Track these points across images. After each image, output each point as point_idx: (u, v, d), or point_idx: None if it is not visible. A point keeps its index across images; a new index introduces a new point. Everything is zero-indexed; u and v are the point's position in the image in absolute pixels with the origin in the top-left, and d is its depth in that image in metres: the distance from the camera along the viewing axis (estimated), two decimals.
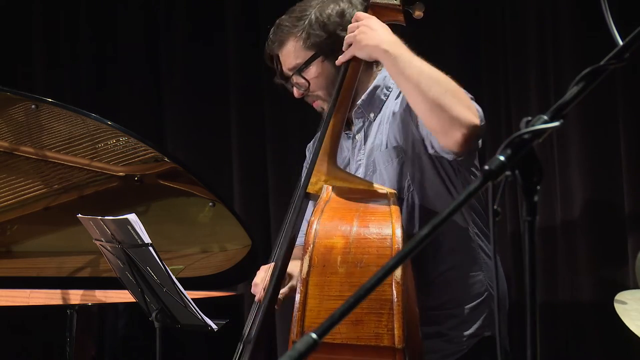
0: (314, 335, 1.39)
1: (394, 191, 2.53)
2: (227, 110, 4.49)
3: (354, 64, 2.62)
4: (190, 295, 2.87)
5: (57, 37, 4.75)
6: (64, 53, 4.75)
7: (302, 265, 2.36)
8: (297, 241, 2.73)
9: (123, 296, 3.38)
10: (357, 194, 2.50)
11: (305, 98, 2.80)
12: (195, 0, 4.61)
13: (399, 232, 2.36)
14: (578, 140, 3.64)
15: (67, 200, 3.93)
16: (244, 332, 2.66)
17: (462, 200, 1.44)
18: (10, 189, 3.90)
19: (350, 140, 2.80)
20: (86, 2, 4.73)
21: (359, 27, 2.56)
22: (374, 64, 2.75)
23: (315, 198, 2.53)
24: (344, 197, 2.49)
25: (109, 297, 3.73)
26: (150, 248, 2.75)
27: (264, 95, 4.40)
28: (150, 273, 2.84)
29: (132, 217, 2.73)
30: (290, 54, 2.76)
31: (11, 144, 3.77)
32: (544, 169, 1.45)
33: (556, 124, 1.45)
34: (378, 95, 2.74)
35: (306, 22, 2.72)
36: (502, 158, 1.43)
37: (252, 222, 4.09)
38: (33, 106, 3.57)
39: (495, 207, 1.47)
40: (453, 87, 2.48)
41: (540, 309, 1.47)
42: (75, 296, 3.82)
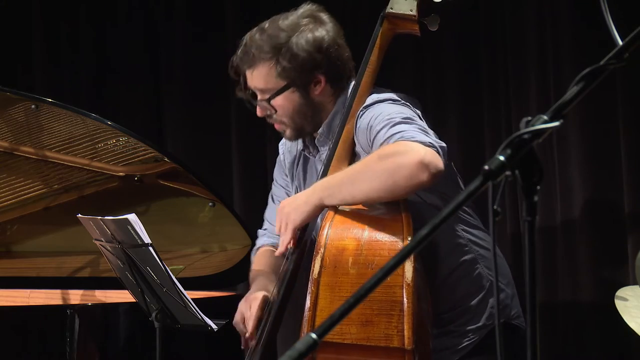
0: (313, 335, 1.39)
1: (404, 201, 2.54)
2: (227, 110, 4.49)
3: (371, 69, 2.63)
4: (190, 295, 2.87)
5: (57, 37, 4.75)
6: (64, 53, 4.75)
7: (314, 266, 2.37)
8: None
9: (123, 296, 3.38)
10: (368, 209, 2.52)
11: (267, 118, 2.80)
12: (195, 0, 4.60)
13: (410, 238, 2.38)
14: (578, 140, 3.63)
15: (67, 200, 3.93)
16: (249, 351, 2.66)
17: (461, 200, 1.44)
18: (10, 189, 3.89)
19: (321, 164, 2.80)
20: (86, 2, 4.73)
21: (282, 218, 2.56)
22: (336, 86, 2.73)
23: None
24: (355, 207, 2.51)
25: (109, 297, 3.73)
26: (150, 248, 2.75)
27: None
28: (150, 273, 2.84)
29: (132, 217, 2.73)
30: (261, 79, 2.73)
31: (11, 144, 3.77)
32: (544, 169, 1.45)
33: (556, 124, 1.45)
34: (335, 123, 2.73)
35: (282, 51, 2.67)
36: (502, 158, 1.43)
37: (252, 222, 4.09)
38: (33, 106, 3.57)
39: (495, 207, 1.47)
40: (389, 167, 2.42)
41: (540, 309, 1.47)
42: (75, 296, 3.82)
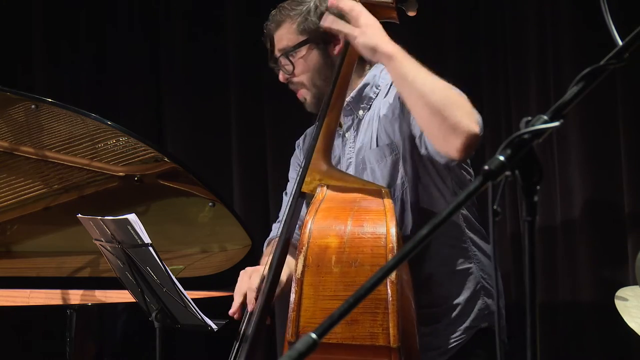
0: (313, 335, 1.39)
1: (387, 189, 2.53)
2: (227, 110, 4.49)
3: (348, 61, 2.61)
4: (190, 295, 2.87)
5: (57, 36, 4.75)
6: (64, 53, 4.75)
7: (297, 265, 2.36)
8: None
9: (123, 296, 3.38)
10: (351, 193, 2.49)
11: (289, 85, 2.82)
12: (195, 0, 4.61)
13: (393, 231, 2.36)
14: (578, 140, 3.64)
15: (67, 200, 3.93)
16: (240, 331, 2.65)
17: (461, 200, 1.44)
18: (10, 189, 3.90)
19: (340, 138, 2.80)
20: (86, 2, 4.73)
21: (354, 19, 2.48)
22: (366, 62, 2.75)
23: (310, 197, 2.52)
24: (338, 196, 2.49)
25: (109, 297, 3.73)
26: (150, 248, 2.76)
27: (264, 95, 4.40)
28: (150, 273, 2.84)
29: (132, 217, 2.73)
30: (283, 36, 2.79)
31: (11, 144, 3.77)
32: (544, 169, 1.45)
33: (556, 124, 1.45)
34: (367, 93, 2.75)
35: (305, 7, 2.76)
36: (502, 158, 1.43)
37: (252, 222, 4.09)
38: (33, 106, 3.57)
39: (495, 207, 1.47)
40: (455, 94, 2.46)
41: (540, 309, 1.47)
42: (75, 296, 3.82)
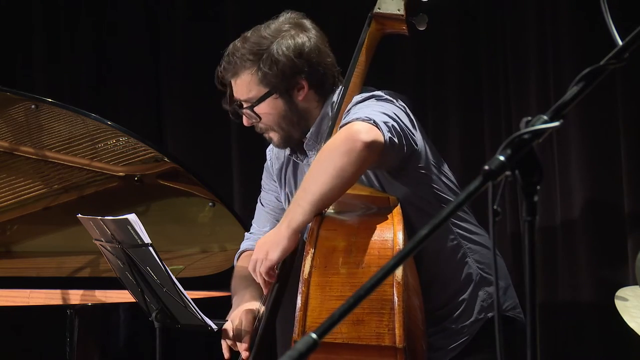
0: (314, 335, 1.39)
1: (396, 197, 2.54)
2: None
3: (360, 70, 2.63)
4: (190, 295, 2.87)
5: (57, 37, 4.75)
6: (64, 53, 4.75)
7: (304, 266, 2.37)
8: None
9: (123, 296, 3.38)
10: (359, 200, 2.52)
11: (255, 128, 2.81)
12: (196, 1, 4.60)
13: (400, 235, 2.38)
14: (578, 140, 3.63)
15: (67, 200, 3.93)
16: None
17: (461, 201, 1.44)
18: (10, 189, 3.89)
19: (298, 168, 2.82)
20: (86, 2, 4.73)
21: (258, 262, 2.56)
22: (324, 91, 2.73)
23: None
24: (347, 202, 2.51)
25: (109, 297, 3.73)
26: (150, 248, 2.75)
27: None
28: (150, 273, 2.84)
29: (132, 217, 2.73)
30: (244, 87, 2.75)
31: (11, 144, 3.77)
32: (544, 169, 1.45)
33: (556, 124, 1.45)
34: (324, 127, 2.74)
35: (263, 57, 2.70)
36: (502, 158, 1.43)
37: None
38: (33, 106, 3.57)
39: (495, 207, 1.47)
40: (332, 155, 2.45)
41: (540, 309, 1.47)
42: (75, 296, 3.82)
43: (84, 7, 4.72)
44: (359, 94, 2.68)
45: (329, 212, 2.47)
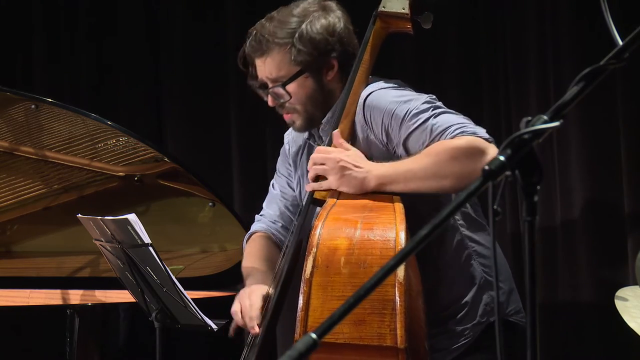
0: (313, 335, 1.39)
1: (399, 195, 2.54)
2: (227, 109, 4.49)
3: (364, 68, 2.63)
4: (190, 295, 2.87)
5: (57, 36, 4.75)
6: (64, 53, 4.75)
7: (306, 266, 2.38)
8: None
9: (123, 296, 3.38)
10: (362, 198, 2.52)
11: (277, 108, 2.77)
12: (195, 0, 4.60)
13: (402, 235, 2.38)
14: (578, 140, 3.64)
15: (67, 200, 3.93)
16: (248, 338, 2.66)
17: (461, 201, 1.44)
18: (10, 189, 3.89)
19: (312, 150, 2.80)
20: (86, 2, 4.73)
21: (332, 166, 2.53)
22: (346, 74, 2.72)
23: (322, 204, 2.55)
24: (349, 202, 2.52)
25: (109, 297, 3.73)
26: (150, 248, 2.76)
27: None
28: (150, 273, 2.84)
29: (132, 217, 2.73)
30: (274, 65, 2.70)
31: (11, 144, 3.77)
32: (544, 169, 1.45)
33: (556, 124, 1.45)
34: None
35: (295, 35, 2.67)
36: (502, 158, 1.43)
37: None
38: (33, 106, 3.57)
39: (495, 207, 1.47)
40: (450, 159, 2.46)
41: (540, 309, 1.47)
42: (75, 296, 3.82)
43: (84, 7, 4.72)
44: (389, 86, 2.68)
45: (332, 211, 2.47)
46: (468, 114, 3.89)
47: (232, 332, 2.71)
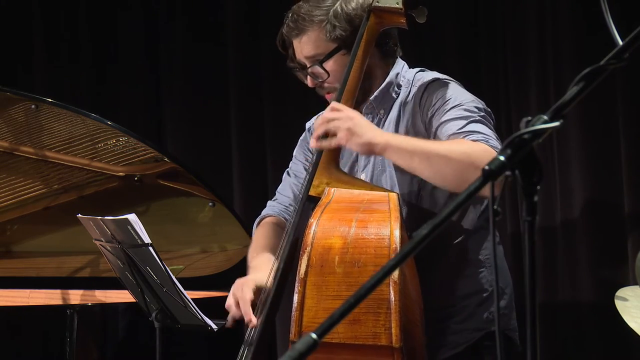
0: (313, 335, 1.39)
1: (396, 193, 2.53)
2: (227, 110, 4.49)
3: (358, 65, 2.62)
4: (190, 295, 2.87)
5: (57, 37, 4.75)
6: (64, 53, 4.75)
7: (300, 265, 2.37)
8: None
9: (123, 296, 3.38)
10: (358, 197, 2.51)
11: (317, 89, 2.77)
12: (195, 0, 4.60)
13: (397, 233, 2.37)
14: (578, 140, 3.63)
15: (67, 200, 3.93)
16: (246, 335, 2.66)
17: (461, 201, 1.44)
18: (10, 189, 3.90)
19: None
20: (86, 2, 4.73)
21: (344, 121, 2.50)
22: (388, 58, 2.74)
23: (317, 200, 2.54)
24: (344, 199, 2.51)
25: (109, 297, 3.73)
26: (150, 248, 2.76)
27: (263, 95, 4.40)
28: (150, 273, 2.84)
29: (132, 217, 2.74)
30: (311, 44, 2.71)
31: (11, 144, 3.77)
32: (544, 169, 1.45)
33: (556, 124, 1.45)
34: (390, 92, 2.74)
35: (330, 12, 2.68)
36: (502, 158, 1.43)
37: (252, 222, 4.09)
38: (33, 106, 3.57)
39: (495, 207, 1.47)
40: (463, 150, 2.46)
41: (540, 309, 1.47)
42: (75, 296, 3.82)
43: (84, 8, 4.72)
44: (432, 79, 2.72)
45: (326, 209, 2.46)
46: None
47: (230, 323, 2.70)
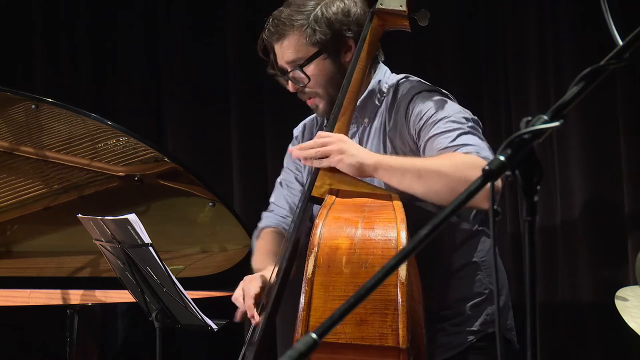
0: (314, 335, 1.39)
1: (397, 194, 2.54)
2: (227, 110, 4.49)
3: (360, 66, 2.62)
4: (190, 295, 2.87)
5: (57, 37, 4.75)
6: (64, 53, 4.75)
7: (307, 266, 2.37)
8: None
9: (123, 296, 3.38)
10: (361, 197, 2.52)
11: (299, 94, 2.77)
12: (195, 0, 4.60)
13: (403, 234, 2.38)
14: (578, 140, 3.64)
15: (67, 200, 3.93)
16: (248, 335, 2.66)
17: (461, 201, 1.44)
18: (10, 189, 3.90)
19: None
20: (86, 2, 4.73)
21: (331, 146, 2.52)
22: (371, 66, 2.74)
23: (320, 202, 2.54)
24: (348, 201, 2.51)
25: (109, 297, 3.73)
26: (150, 248, 2.76)
27: (264, 95, 4.40)
28: (150, 273, 2.84)
29: (132, 217, 2.73)
30: (291, 48, 2.71)
31: (11, 144, 3.77)
32: (544, 169, 1.45)
33: (556, 124, 1.45)
34: (372, 100, 2.74)
35: (311, 17, 2.68)
36: (502, 158, 1.43)
37: (252, 222, 4.09)
38: (33, 106, 3.57)
39: (495, 207, 1.47)
40: (454, 165, 2.45)
41: (540, 309, 1.47)
42: (75, 296, 3.82)
43: (84, 9, 4.72)
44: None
45: (331, 210, 2.47)
46: None
47: (238, 317, 2.70)
